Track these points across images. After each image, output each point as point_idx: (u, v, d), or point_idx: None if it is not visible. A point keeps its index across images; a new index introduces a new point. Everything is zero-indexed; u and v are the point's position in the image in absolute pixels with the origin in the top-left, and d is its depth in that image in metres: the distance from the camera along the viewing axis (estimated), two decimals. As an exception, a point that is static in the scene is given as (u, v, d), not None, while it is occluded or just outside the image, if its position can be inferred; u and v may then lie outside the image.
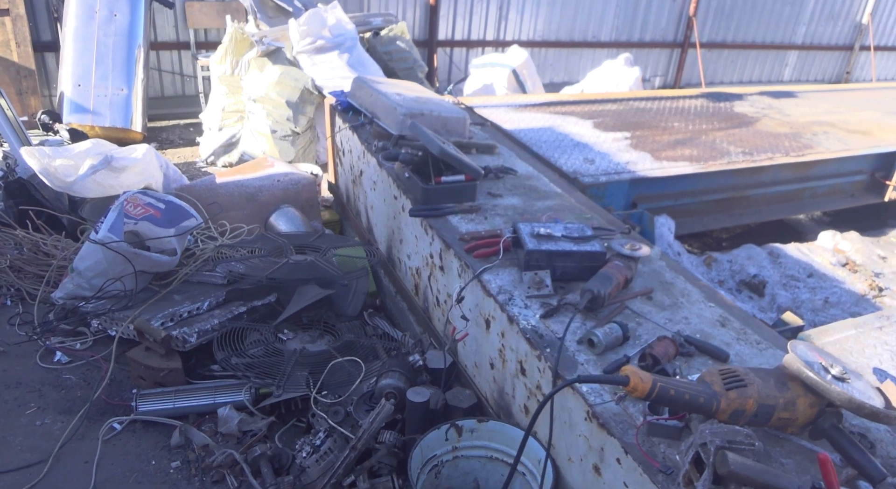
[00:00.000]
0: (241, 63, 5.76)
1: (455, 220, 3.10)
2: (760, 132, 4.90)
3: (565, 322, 2.44)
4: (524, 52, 6.62)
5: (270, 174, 4.50)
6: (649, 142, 4.48)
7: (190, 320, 3.31)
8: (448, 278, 2.97)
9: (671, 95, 5.68)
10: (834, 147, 4.74)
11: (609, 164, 4.04)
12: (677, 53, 8.93)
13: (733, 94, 5.87)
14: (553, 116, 4.83)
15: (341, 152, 4.38)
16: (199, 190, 4.40)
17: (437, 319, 3.20)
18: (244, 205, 4.37)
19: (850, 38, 10.15)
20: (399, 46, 6.51)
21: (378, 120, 3.92)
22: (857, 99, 6.20)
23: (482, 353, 2.76)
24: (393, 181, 3.44)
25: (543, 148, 4.18)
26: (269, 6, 5.93)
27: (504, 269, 2.71)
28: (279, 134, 5.62)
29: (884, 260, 4.78)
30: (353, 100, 4.22)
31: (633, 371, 1.73)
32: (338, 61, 5.61)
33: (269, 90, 5.56)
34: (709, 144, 4.54)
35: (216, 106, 5.87)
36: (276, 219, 4.15)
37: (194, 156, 6.12)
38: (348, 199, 4.42)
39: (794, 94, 6.12)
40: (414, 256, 3.34)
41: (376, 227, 3.90)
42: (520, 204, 3.32)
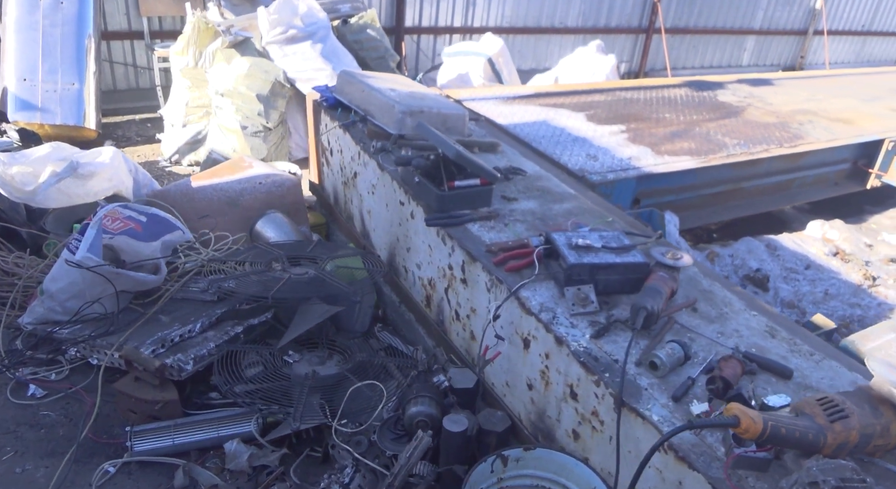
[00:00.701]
0: (205, 54, 5.36)
1: (475, 228, 2.89)
2: (750, 122, 4.86)
3: (617, 341, 2.29)
4: (499, 40, 6.42)
5: (251, 176, 4.18)
6: (646, 135, 4.37)
7: (183, 345, 3.01)
8: (472, 292, 2.77)
9: (655, 85, 5.60)
10: (822, 137, 4.74)
11: (613, 161, 3.90)
12: (642, 39, 8.90)
13: (714, 83, 5.83)
14: (544, 109, 4.66)
15: (328, 152, 4.10)
16: (174, 196, 4.05)
17: (456, 334, 3.00)
18: (225, 210, 4.04)
19: (805, 22, 10.35)
20: (370, 35, 6.21)
21: (373, 118, 3.67)
22: (830, 86, 6.27)
23: (517, 373, 2.58)
24: (399, 186, 3.21)
25: (543, 144, 4.01)
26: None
27: (540, 284, 2.53)
28: (250, 130, 5.27)
29: (870, 248, 4.83)
30: (342, 96, 3.94)
31: (742, 411, 1.59)
32: (311, 52, 5.28)
33: (237, 83, 5.19)
34: (704, 136, 4.46)
35: (179, 100, 5.46)
36: (263, 226, 3.85)
37: (155, 154, 5.69)
38: (337, 201, 4.15)
39: (771, 81, 6.14)
40: (426, 266, 3.13)
41: (374, 233, 3.66)
42: (537, 208, 3.14)
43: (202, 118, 5.48)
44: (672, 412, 2.01)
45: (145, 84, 6.52)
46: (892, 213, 5.47)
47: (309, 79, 5.34)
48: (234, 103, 5.23)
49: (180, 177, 5.34)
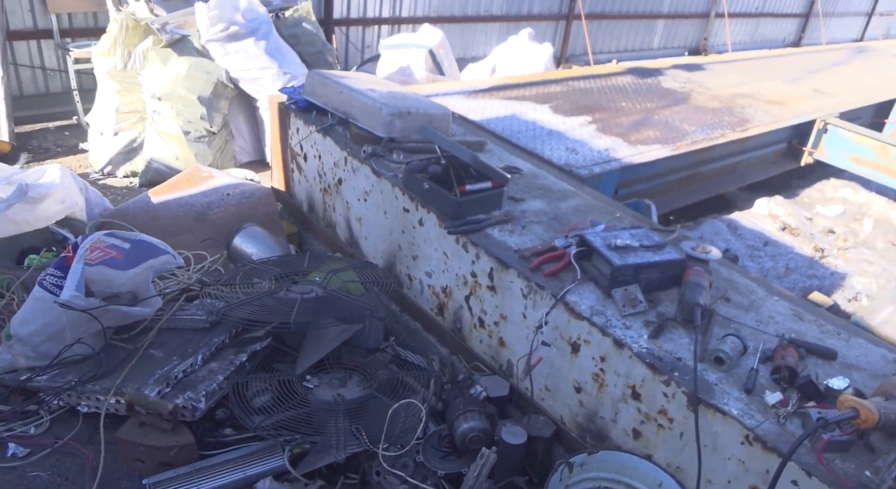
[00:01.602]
0: (135, 55, 4.92)
1: (495, 233, 2.83)
2: (699, 108, 5.07)
3: (673, 339, 2.31)
4: (438, 32, 6.31)
5: (216, 188, 3.90)
6: (612, 125, 4.45)
7: (189, 381, 2.77)
8: (503, 299, 2.72)
9: (602, 73, 5.71)
10: (765, 119, 5.02)
11: (592, 153, 3.94)
12: (563, 25, 9.07)
13: (653, 70, 6.03)
14: (509, 103, 4.63)
15: (300, 157, 3.89)
16: (134, 214, 3.71)
17: (479, 341, 2.94)
18: (194, 227, 3.75)
19: (707, 6, 10.92)
20: (306, 28, 5.93)
21: (356, 121, 3.50)
22: (753, 69, 6.65)
23: (561, 377, 2.56)
24: (402, 192, 3.09)
25: (522, 139, 3.99)
26: (158, -14, 5.10)
27: (581, 287, 2.51)
28: (193, 135, 4.91)
29: (810, 221, 5.19)
30: (314, 98, 3.74)
31: (859, 403, 1.64)
32: (255, 49, 4.97)
33: (176, 85, 4.81)
34: (665, 124, 4.61)
35: (107, 106, 4.99)
36: (242, 242, 3.59)
37: (82, 166, 5.19)
38: (313, 208, 3.95)
39: (702, 66, 6.43)
40: (439, 275, 3.04)
41: (366, 241, 3.51)
42: (546, 207, 3.12)
43: (136, 124, 5.04)
44: (748, 404, 2.06)
45: (56, 88, 5.91)
46: (819, 187, 5.91)
47: (254, 78, 5.03)
48: (174, 107, 4.84)
49: (117, 190, 4.90)
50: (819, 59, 7.62)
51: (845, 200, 5.64)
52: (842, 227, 5.17)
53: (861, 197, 5.68)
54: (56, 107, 5.92)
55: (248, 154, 5.49)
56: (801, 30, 13.22)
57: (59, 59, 5.83)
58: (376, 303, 2.88)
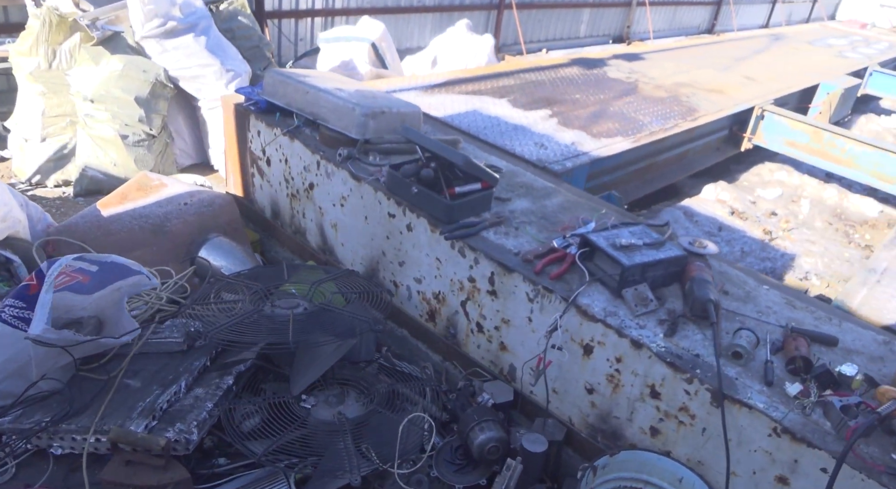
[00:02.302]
0: (61, 53, 4.52)
1: (490, 235, 2.78)
2: (648, 98, 5.17)
3: (688, 336, 2.33)
4: (380, 24, 6.14)
5: (172, 196, 3.63)
6: (572, 118, 4.47)
7: (176, 412, 2.56)
8: (505, 303, 2.67)
9: (549, 64, 5.72)
10: (710, 108, 5.19)
11: (560, 148, 3.94)
12: (494, 15, 9.06)
13: (595, 60, 6.11)
14: (467, 97, 4.56)
15: (262, 161, 3.68)
16: (84, 229, 3.41)
17: (477, 346, 2.88)
18: (151, 241, 3.48)
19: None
20: (242, 22, 5.63)
21: (326, 122, 3.35)
22: (686, 57, 6.86)
23: (570, 380, 2.54)
24: (387, 197, 2.97)
25: (490, 135, 3.94)
26: (81, -22, 4.68)
27: (589, 288, 2.49)
28: (131, 139, 4.57)
29: (754, 204, 5.43)
30: (276, 98, 3.54)
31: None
32: (194, 46, 4.67)
33: (110, 86, 4.45)
34: (621, 116, 4.67)
35: (31, 110, 4.56)
36: (209, 254, 3.37)
37: (5, 176, 4.73)
38: (278, 215, 3.76)
39: (640, 55, 6.57)
40: (431, 280, 2.95)
41: (343, 248, 3.37)
42: (532, 206, 3.09)
43: (65, 129, 4.64)
44: (770, 397, 2.10)
45: (-37, 90, 5.35)
46: (755, 171, 6.19)
47: (195, 76, 4.73)
48: (109, 109, 4.49)
49: (50, 202, 4.50)
50: (742, 47, 7.97)
51: (781, 183, 5.93)
52: (782, 208, 5.43)
53: (795, 179, 5.99)
54: (-37, 111, 5.37)
55: (190, 157, 5.17)
56: (714, 17, 13.83)
57: (-34, 59, 5.28)
58: (371, 316, 2.76)
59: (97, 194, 4.61)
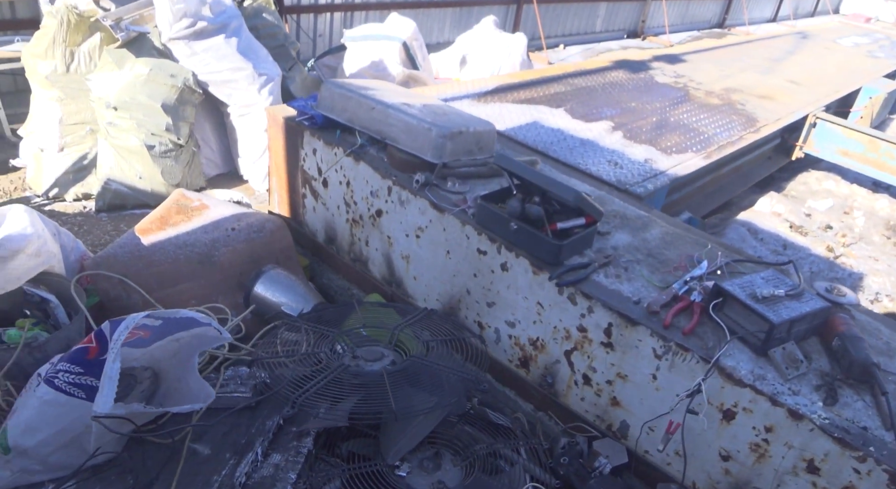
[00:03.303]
0: (79, 55, 4.12)
1: (602, 279, 2.49)
2: (704, 106, 4.90)
3: (849, 404, 2.07)
4: (410, 22, 5.78)
5: (217, 221, 3.29)
6: (636, 130, 4.18)
7: (256, 486, 2.26)
8: (623, 357, 2.38)
9: (594, 68, 5.41)
10: (768, 117, 4.93)
11: (635, 166, 3.66)
12: (513, 10, 8.72)
13: (637, 62, 5.81)
14: (521, 107, 4.25)
15: (318, 182, 3.35)
16: (125, 261, 3.06)
17: (581, 399, 2.60)
18: (197, 272, 3.15)
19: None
20: (266, 20, 5.25)
21: (396, 143, 3.02)
22: (722, 59, 6.59)
23: (702, 444, 2.27)
24: (477, 232, 2.67)
25: (559, 152, 3.64)
26: (100, -28, 4.26)
27: (729, 346, 2.22)
28: (158, 149, 4.20)
29: (809, 217, 5.20)
30: (335, 114, 3.20)
31: None
32: (226, 48, 4.30)
33: (135, 92, 4.07)
34: (683, 127, 4.40)
35: (48, 117, 4.16)
36: (267, 289, 3.04)
37: (18, 188, 4.33)
38: (333, 240, 3.44)
39: (679, 57, 6.28)
40: (528, 325, 2.66)
41: (416, 282, 3.06)
42: (633, 241, 2.80)
43: (85, 138, 4.25)
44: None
45: (-37, 92, 4.93)
46: (801, 179, 5.96)
47: (226, 81, 4.36)
48: (134, 117, 4.11)
49: (70, 218, 4.12)
50: (773, 47, 7.72)
51: (830, 193, 5.71)
52: (836, 221, 5.21)
53: (843, 189, 5.77)
54: (-36, 114, 4.94)
55: (217, 166, 4.81)
56: (725, 11, 13.59)
57: (-33, 57, 4.85)
58: (474, 372, 2.46)
59: (121, 209, 4.26)
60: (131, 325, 2.05)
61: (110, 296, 3.03)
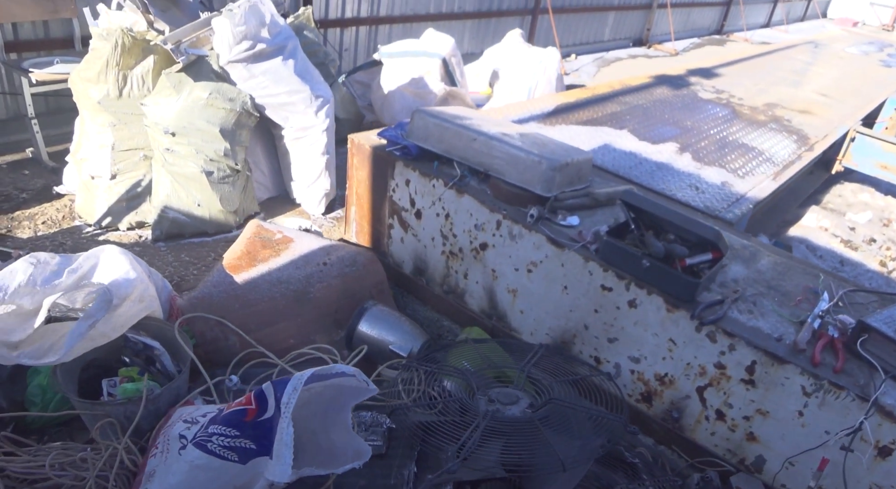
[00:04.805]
0: (132, 79, 3.97)
1: (736, 315, 2.46)
2: (755, 123, 4.92)
3: None
4: (449, 38, 5.71)
5: (307, 255, 3.20)
6: (701, 151, 4.18)
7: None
8: (766, 394, 2.36)
9: (638, 85, 5.40)
10: (814, 133, 4.98)
11: (715, 190, 3.65)
12: (528, 20, 8.69)
13: (674, 77, 5.83)
14: (586, 129, 4.22)
15: (409, 213, 3.28)
16: (220, 301, 2.95)
17: (711, 434, 2.58)
18: (294, 310, 3.05)
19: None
20: (308, 37, 5.14)
21: (501, 175, 2.97)
22: (750, 71, 6.65)
23: (854, 481, 2.27)
24: (602, 268, 2.63)
25: (640, 176, 3.61)
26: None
27: (886, 383, 2.21)
28: (216, 176, 4.07)
29: (853, 231, 5.26)
30: (429, 144, 3.14)
31: None
32: (283, 70, 4.19)
33: (193, 117, 3.94)
34: (743, 146, 4.41)
35: (99, 143, 4.00)
36: (372, 328, 2.96)
37: (66, 217, 4.16)
38: (423, 272, 3.36)
39: (710, 70, 6.33)
40: (656, 361, 2.62)
41: (523, 316, 3.00)
42: (747, 272, 2.78)
43: (138, 165, 4.10)
44: None
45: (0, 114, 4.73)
46: (836, 191, 6.03)
47: (283, 104, 4.25)
48: (192, 143, 3.98)
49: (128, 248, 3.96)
50: (791, 57, 7.83)
51: (867, 205, 5.79)
52: (878, 234, 5.28)
53: (879, 200, 5.86)
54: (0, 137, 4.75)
55: (268, 190, 4.69)
56: (723, 18, 13.77)
57: (3, 79, 4.66)
58: (620, 415, 2.41)
59: (178, 238, 4.12)
60: (299, 387, 1.95)
61: (206, 338, 2.92)
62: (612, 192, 3.11)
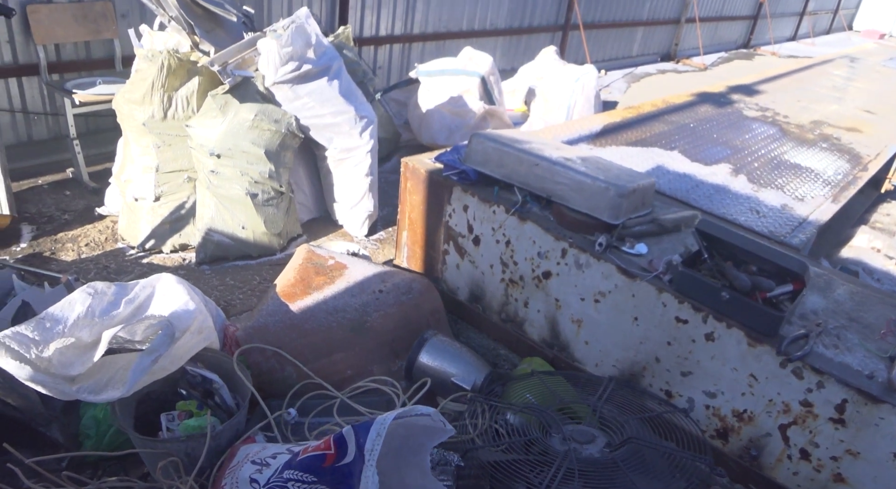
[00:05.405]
0: (177, 100, 3.94)
1: (822, 350, 2.35)
2: (804, 142, 4.81)
3: None
4: (487, 56, 5.66)
5: (362, 282, 3.12)
6: (755, 172, 4.07)
7: None
8: (857, 434, 2.24)
9: (682, 103, 5.31)
10: (866, 152, 4.86)
11: (775, 214, 3.54)
12: (559, 36, 8.65)
13: (716, 94, 5.74)
14: (636, 150, 4.13)
15: (466, 239, 3.20)
16: (276, 331, 2.87)
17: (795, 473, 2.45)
18: (351, 340, 2.97)
19: (678, 11, 10.91)
20: (347, 56, 5.09)
21: (564, 201, 2.88)
22: (790, 88, 6.54)
23: (957, 532, 2.15)
24: (677, 300, 2.52)
25: (699, 200, 3.51)
26: (197, 14, 4.09)
27: None
28: (261, 198, 4.02)
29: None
30: (491, 169, 3.06)
31: None
32: (328, 91, 4.14)
33: (239, 139, 3.90)
34: (796, 167, 4.30)
35: (143, 165, 3.97)
36: (434, 359, 2.86)
37: (109, 239, 4.12)
38: (479, 299, 3.27)
39: (750, 87, 6.22)
40: (734, 397, 2.51)
41: (587, 347, 2.90)
42: (826, 303, 2.66)
43: (182, 186, 4.06)
44: None
45: (41, 135, 4.72)
46: (883, 210, 5.88)
47: (328, 125, 4.20)
48: (237, 165, 3.93)
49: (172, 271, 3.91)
50: (828, 73, 7.70)
51: (915, 224, 5.64)
52: (930, 255, 5.12)
53: (926, 220, 5.70)
54: (41, 157, 4.74)
55: (310, 211, 4.63)
56: (750, 31, 13.67)
57: (45, 100, 4.65)
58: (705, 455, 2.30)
59: (222, 261, 4.07)
60: (383, 433, 1.86)
61: (262, 369, 2.84)
62: (679, 217, 3.01)
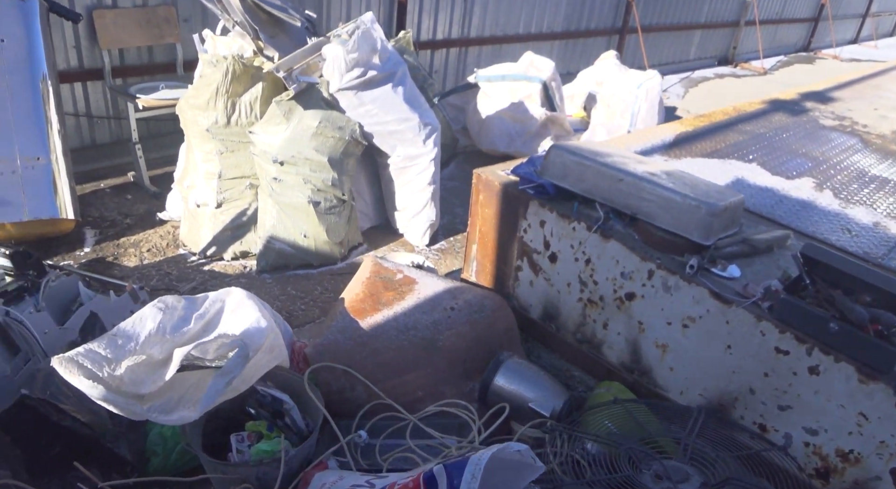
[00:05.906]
0: (241, 106, 3.89)
1: (947, 389, 2.16)
2: (889, 155, 4.54)
3: None
4: (549, 61, 5.51)
5: (433, 298, 3.00)
6: (840, 187, 3.84)
7: None
8: None
9: (752, 112, 5.09)
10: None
11: (867, 233, 3.31)
12: (615, 40, 8.44)
13: (790, 102, 5.49)
14: (712, 161, 3.93)
15: (541, 255, 3.06)
16: (346, 349, 2.78)
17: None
18: (423, 359, 2.85)
19: (737, 14, 10.59)
20: (408, 61, 4.99)
21: (651, 219, 2.72)
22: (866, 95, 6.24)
23: None
24: (778, 329, 2.35)
25: (784, 216, 3.30)
26: (261, 18, 4.04)
27: None
28: (323, 206, 3.95)
29: None
30: (570, 183, 2.91)
31: None
32: (393, 98, 4.04)
33: (302, 146, 3.83)
34: (883, 180, 4.05)
35: (205, 171, 3.93)
36: (510, 382, 2.73)
37: (170, 245, 4.10)
38: (554, 318, 3.13)
39: (823, 94, 5.95)
40: (840, 436, 2.32)
41: (672, 373, 2.74)
42: (943, 335, 2.46)
43: (244, 193, 4.01)
44: None
45: (104, 138, 4.74)
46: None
47: (391, 132, 4.11)
48: (300, 173, 3.86)
49: (232, 279, 3.87)
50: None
51: None
52: None
53: None
54: (103, 161, 4.76)
55: (370, 219, 4.55)
56: (811, 34, 13.21)
57: (108, 104, 4.66)
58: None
59: (283, 269, 4.01)
60: (479, 475, 1.74)
61: (332, 388, 2.75)
62: (771, 238, 2.83)
